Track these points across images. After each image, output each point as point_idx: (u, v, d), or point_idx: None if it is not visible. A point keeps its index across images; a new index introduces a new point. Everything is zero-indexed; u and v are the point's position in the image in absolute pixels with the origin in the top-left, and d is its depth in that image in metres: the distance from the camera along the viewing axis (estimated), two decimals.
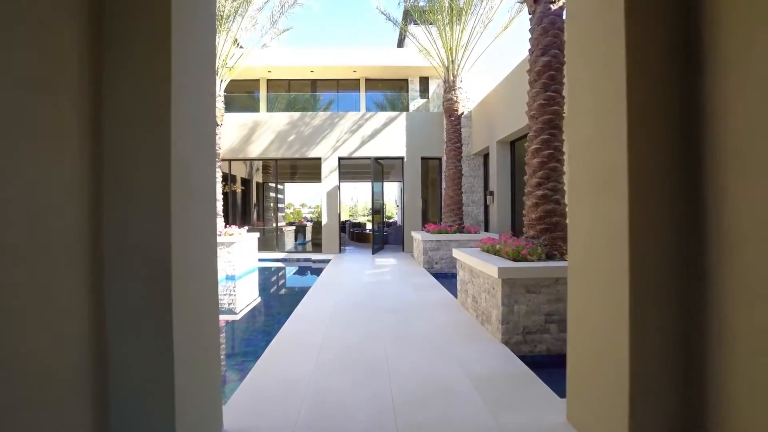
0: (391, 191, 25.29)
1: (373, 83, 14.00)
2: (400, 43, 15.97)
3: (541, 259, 3.74)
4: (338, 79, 13.92)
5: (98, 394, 1.12)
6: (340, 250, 11.31)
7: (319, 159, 11.22)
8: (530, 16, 4.40)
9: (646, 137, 1.66)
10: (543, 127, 4.13)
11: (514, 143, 8.79)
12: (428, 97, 13.57)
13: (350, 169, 14.61)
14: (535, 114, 4.20)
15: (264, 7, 9.40)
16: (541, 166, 4.13)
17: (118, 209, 1.14)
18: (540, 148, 4.14)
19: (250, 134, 11.16)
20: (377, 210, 11.40)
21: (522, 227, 8.72)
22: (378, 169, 11.33)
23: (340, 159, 11.22)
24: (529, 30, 4.37)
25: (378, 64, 13.00)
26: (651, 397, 1.67)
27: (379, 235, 11.83)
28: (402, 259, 9.85)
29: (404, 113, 11.40)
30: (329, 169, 11.16)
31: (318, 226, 12.09)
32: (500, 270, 3.39)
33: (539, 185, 4.13)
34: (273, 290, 7.60)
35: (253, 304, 6.02)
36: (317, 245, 11.86)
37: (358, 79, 13.91)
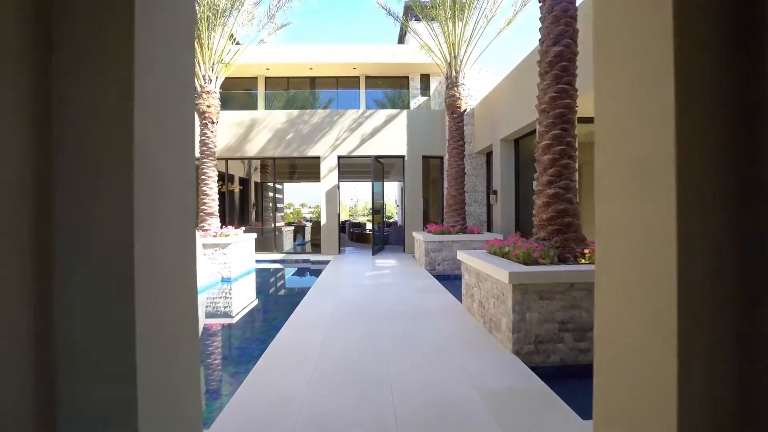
0: (391, 191, 25.06)
1: (373, 81, 13.75)
2: (401, 40, 15.74)
3: (554, 262, 3.49)
4: (338, 77, 13.67)
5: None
6: (339, 251, 11.06)
7: (318, 158, 10.97)
8: (540, 3, 4.15)
9: (697, 125, 1.40)
10: (555, 121, 3.88)
11: (518, 141, 8.54)
12: (429, 95, 13.32)
13: (350, 168, 14.35)
14: (546, 108, 3.95)
15: (261, 1, 9.15)
16: (552, 162, 3.88)
17: (68, 214, 0.88)
18: (551, 144, 3.89)
19: (248, 132, 10.90)
20: (377, 210, 11.15)
21: (526, 228, 8.54)
22: (378, 168, 11.08)
23: (339, 158, 10.96)
24: (540, 18, 4.11)
25: (378, 61, 12.75)
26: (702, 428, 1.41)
27: (380, 236, 11.58)
28: (403, 260, 9.59)
29: (405, 111, 11.15)
30: (328, 168, 10.91)
31: (317, 226, 11.84)
32: (511, 275, 3.14)
33: (550, 183, 3.88)
34: (269, 293, 7.35)
35: (249, 307, 5.77)
36: (316, 246, 11.61)
37: (358, 77, 13.66)
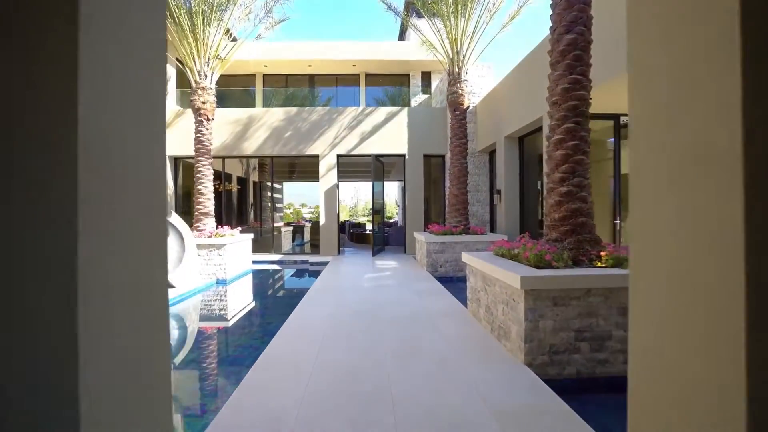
0: (391, 191, 24.81)
1: (373, 78, 13.50)
2: (402, 36, 15.50)
3: (568, 265, 3.24)
4: (337, 74, 13.43)
5: None
6: (338, 252, 10.81)
7: (317, 156, 10.72)
8: None
9: None
10: (567, 114, 3.63)
11: (522, 139, 8.29)
12: (430, 93, 13.07)
13: (349, 167, 14.10)
14: (558, 100, 3.70)
15: None
16: (564, 158, 3.62)
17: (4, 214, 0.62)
18: (563, 139, 3.64)
19: (245, 130, 10.65)
20: (377, 210, 10.90)
21: (531, 228, 8.29)
22: (378, 167, 10.83)
23: (338, 156, 10.71)
24: (551, 5, 3.86)
25: (378, 58, 12.50)
26: None
27: (380, 236, 11.33)
28: (404, 261, 9.34)
29: (406, 108, 10.90)
30: (327, 167, 10.66)
31: (316, 226, 11.59)
32: (524, 279, 2.89)
33: (563, 181, 3.63)
34: (265, 295, 7.10)
35: (243, 311, 5.52)
36: (315, 247, 11.37)
37: (358, 74, 13.41)
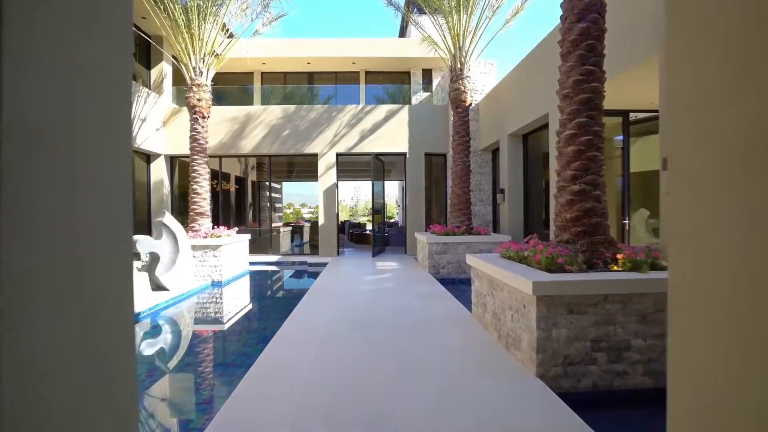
0: (391, 190, 24.59)
1: (373, 76, 13.27)
2: (403, 33, 15.28)
3: (582, 269, 3.02)
4: (336, 72, 13.20)
5: None
6: (338, 253, 10.59)
7: (316, 155, 10.50)
8: None
9: None
10: (579, 108, 3.41)
11: (527, 136, 8.06)
12: (431, 91, 12.84)
13: (349, 166, 13.88)
14: (570, 92, 3.48)
15: None
16: (577, 155, 3.40)
17: None
18: (576, 134, 3.41)
19: (242, 129, 10.44)
20: (378, 210, 10.68)
21: (536, 229, 8.05)
22: (379, 166, 10.60)
23: (338, 155, 10.49)
24: None
25: (378, 55, 12.27)
26: None
27: (380, 237, 11.10)
28: (405, 262, 9.12)
29: (407, 106, 10.67)
30: (326, 166, 10.44)
31: (316, 227, 11.37)
32: (536, 284, 2.67)
33: (575, 179, 3.40)
34: (262, 298, 6.87)
35: (238, 316, 5.30)
36: (315, 247, 11.15)
37: (358, 72, 13.18)
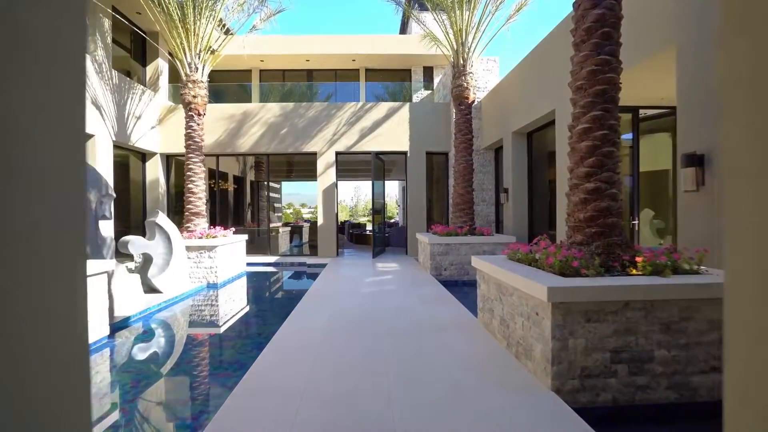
0: (391, 190, 24.36)
1: (373, 74, 13.06)
2: (404, 29, 15.07)
3: (600, 273, 2.80)
4: (336, 70, 12.99)
5: None
6: (337, 254, 10.37)
7: (315, 154, 10.28)
8: None
9: None
10: (594, 100, 3.19)
11: (531, 134, 7.85)
12: (433, 89, 12.62)
13: (349, 165, 13.67)
14: (583, 84, 3.26)
15: None
16: (591, 150, 3.19)
17: None
18: (590, 128, 3.20)
19: (239, 127, 10.22)
20: (378, 210, 10.46)
21: (541, 229, 7.84)
22: (379, 165, 10.39)
23: (337, 154, 10.28)
24: None
25: (379, 52, 12.06)
26: None
27: (380, 237, 10.89)
28: (406, 263, 8.90)
29: (407, 104, 10.46)
30: (325, 165, 10.22)
31: (315, 227, 11.15)
32: (552, 290, 2.45)
33: (589, 176, 3.19)
34: (257, 302, 6.66)
35: (232, 320, 5.08)
36: (314, 247, 10.93)
37: (358, 69, 12.97)
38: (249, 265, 9.04)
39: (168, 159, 10.45)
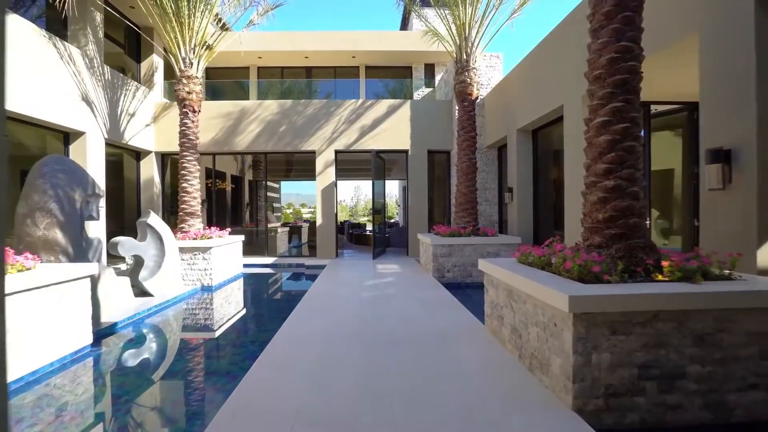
0: (391, 190, 24.08)
1: (373, 71, 12.80)
2: (404, 25, 14.82)
3: (624, 280, 2.55)
4: (335, 67, 12.73)
5: None
6: (336, 255, 10.12)
7: (314, 152, 10.03)
8: None
9: None
10: (614, 91, 2.94)
11: (537, 132, 7.59)
12: (434, 86, 12.37)
13: (349, 165, 13.41)
14: (602, 74, 3.00)
15: None
16: (611, 145, 2.93)
17: None
18: (610, 121, 2.94)
19: (236, 125, 9.96)
20: (378, 210, 10.21)
21: (547, 230, 7.59)
22: (379, 164, 10.14)
23: (336, 152, 10.02)
24: None
25: (379, 48, 11.81)
26: None
27: (381, 238, 10.64)
28: (407, 265, 8.65)
29: (409, 101, 10.20)
30: (325, 164, 9.97)
31: (315, 227, 10.90)
32: (574, 300, 2.19)
33: (609, 173, 2.93)
34: (251, 306, 6.40)
35: (224, 327, 4.83)
36: (313, 248, 10.67)
37: (357, 66, 12.71)
38: (246, 266, 8.79)
39: (163, 158, 10.19)
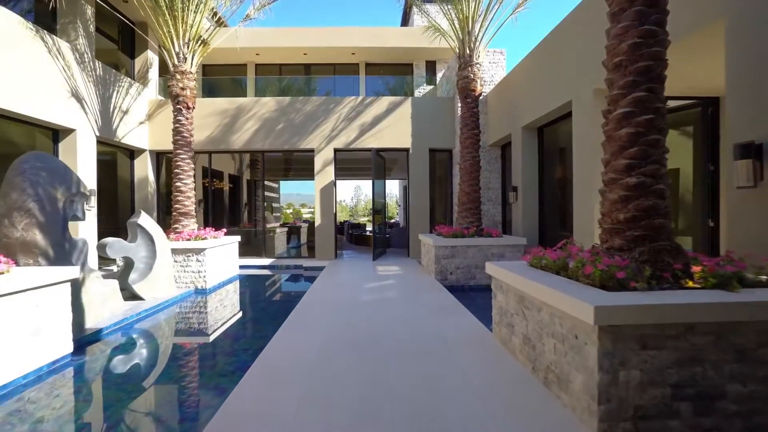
0: (391, 190, 23.81)
1: (373, 68, 12.55)
2: (405, 21, 14.58)
3: (652, 287, 2.30)
4: (335, 64, 12.48)
5: None
6: (336, 256, 9.87)
7: (312, 151, 9.77)
8: None
9: None
10: (637, 79, 2.68)
11: (542, 129, 7.34)
12: (435, 84, 12.11)
13: (348, 164, 13.16)
14: (623, 61, 2.75)
15: None
16: (633, 139, 2.68)
17: None
18: (632, 113, 2.69)
19: (233, 122, 9.71)
20: (378, 210, 9.96)
21: (553, 231, 7.34)
22: (380, 163, 9.89)
23: (336, 151, 9.77)
24: None
25: (379, 45, 11.56)
26: None
27: (381, 238, 10.39)
28: (408, 266, 8.39)
29: (410, 99, 9.94)
30: (323, 163, 9.72)
31: (314, 227, 10.65)
32: (600, 310, 1.94)
33: (630, 169, 2.68)
34: (246, 311, 6.15)
35: (213, 336, 4.58)
36: (312, 249, 10.42)
37: (357, 63, 12.46)
38: (243, 267, 8.54)
39: (158, 156, 9.94)
